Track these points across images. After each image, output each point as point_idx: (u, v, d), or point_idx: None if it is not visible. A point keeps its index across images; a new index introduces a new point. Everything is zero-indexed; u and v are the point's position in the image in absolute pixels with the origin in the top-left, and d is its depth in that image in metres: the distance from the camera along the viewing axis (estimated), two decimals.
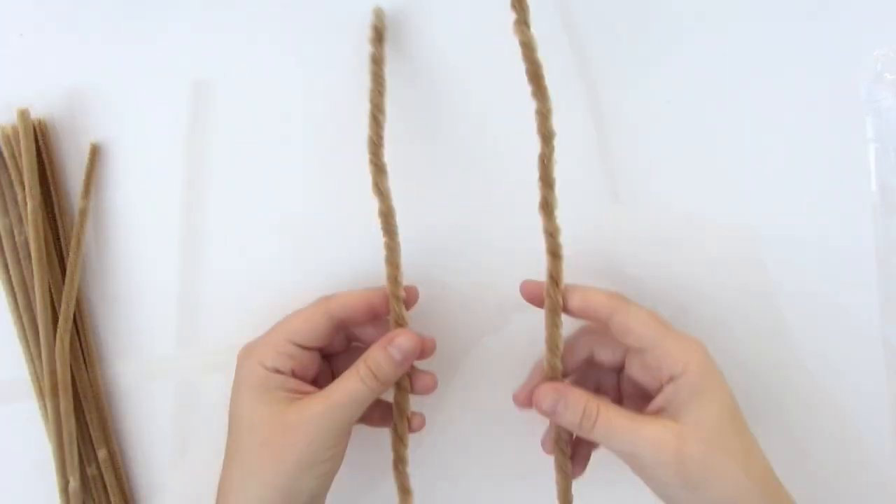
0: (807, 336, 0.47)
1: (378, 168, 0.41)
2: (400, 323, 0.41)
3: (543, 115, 0.40)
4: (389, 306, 0.41)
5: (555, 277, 0.40)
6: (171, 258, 0.47)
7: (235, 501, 0.39)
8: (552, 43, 0.46)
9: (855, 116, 0.46)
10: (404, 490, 0.42)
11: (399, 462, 0.42)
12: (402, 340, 0.40)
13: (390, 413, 0.42)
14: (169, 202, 0.47)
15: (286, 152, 0.47)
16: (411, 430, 0.42)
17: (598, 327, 0.42)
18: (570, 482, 0.42)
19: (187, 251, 0.47)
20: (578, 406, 0.39)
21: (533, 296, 0.41)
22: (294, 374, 0.40)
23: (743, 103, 0.46)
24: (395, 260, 0.41)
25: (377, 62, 0.42)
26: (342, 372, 0.42)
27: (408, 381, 0.42)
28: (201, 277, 0.47)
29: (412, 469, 0.42)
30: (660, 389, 0.39)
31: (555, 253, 0.40)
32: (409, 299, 0.43)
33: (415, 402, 0.43)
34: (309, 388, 0.40)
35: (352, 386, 0.39)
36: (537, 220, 0.41)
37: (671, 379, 0.39)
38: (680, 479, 0.37)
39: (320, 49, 0.46)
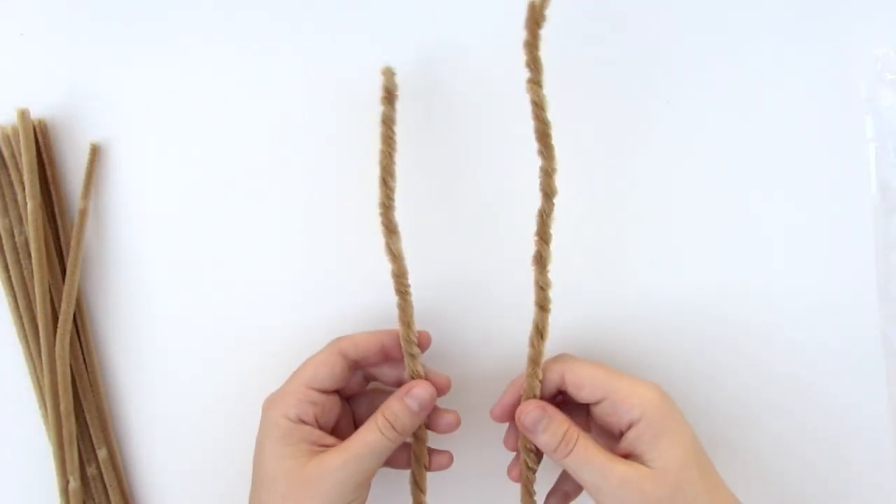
0: (806, 335, 0.47)
1: (390, 230, 0.41)
2: (415, 377, 0.42)
3: (547, 174, 0.40)
4: (405, 363, 0.42)
5: (540, 329, 0.41)
6: (171, 258, 0.47)
7: None
8: (552, 43, 0.47)
9: (855, 116, 0.46)
10: None
11: None
12: (418, 391, 0.41)
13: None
14: (169, 202, 0.47)
15: (291, 156, 0.47)
16: (434, 469, 0.43)
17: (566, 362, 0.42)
18: None
19: (187, 251, 0.47)
20: (560, 430, 0.40)
21: (504, 414, 0.42)
22: (317, 422, 0.41)
23: (743, 103, 0.46)
24: (407, 319, 0.42)
25: (387, 123, 0.41)
26: (362, 413, 0.43)
27: (424, 430, 0.43)
28: (201, 277, 0.47)
29: None
30: (622, 434, 0.40)
31: (543, 306, 0.41)
32: (422, 343, 0.43)
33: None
34: (331, 439, 0.41)
35: (370, 437, 0.40)
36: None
37: (631, 424, 0.39)
38: None
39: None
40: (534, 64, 0.40)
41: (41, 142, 0.46)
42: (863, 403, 0.47)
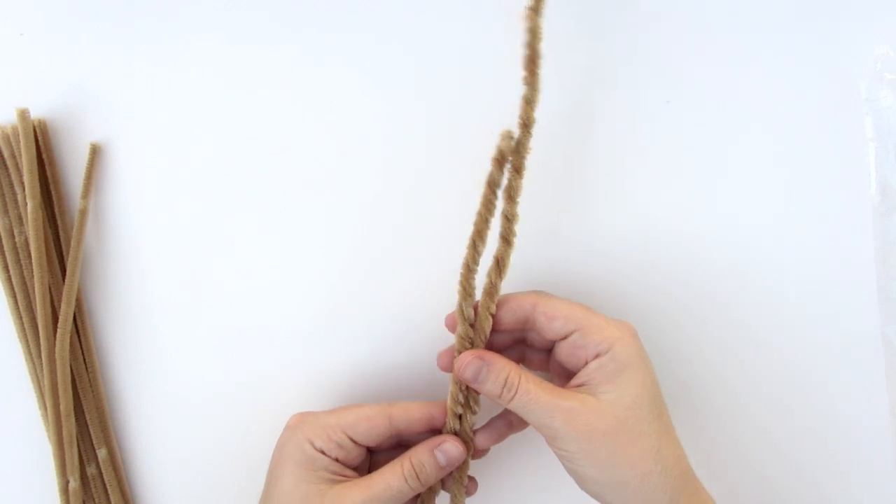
0: (806, 335, 0.47)
1: (466, 293, 0.40)
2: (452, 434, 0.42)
3: (528, 103, 0.40)
4: (447, 419, 0.42)
5: (500, 262, 0.40)
6: (171, 258, 0.47)
7: None
8: (552, 43, 0.47)
9: (855, 116, 0.46)
10: None
11: None
12: (449, 447, 0.41)
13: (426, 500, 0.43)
14: (169, 202, 0.47)
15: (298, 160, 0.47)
16: None
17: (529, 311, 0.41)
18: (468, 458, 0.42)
19: (187, 250, 0.47)
20: (501, 376, 0.39)
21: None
22: (338, 461, 0.41)
23: (742, 103, 0.46)
24: (461, 383, 0.41)
25: (492, 187, 0.39)
26: (381, 462, 0.42)
27: (440, 483, 0.42)
28: (201, 276, 0.47)
29: None
30: (586, 364, 0.39)
31: (507, 239, 0.40)
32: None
33: None
34: (350, 472, 0.41)
35: (394, 482, 0.40)
36: None
37: (597, 356, 0.39)
38: (589, 454, 0.38)
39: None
40: None
41: (41, 142, 0.46)
42: (863, 403, 0.47)
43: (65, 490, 0.45)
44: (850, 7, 0.46)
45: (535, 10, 0.40)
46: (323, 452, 0.40)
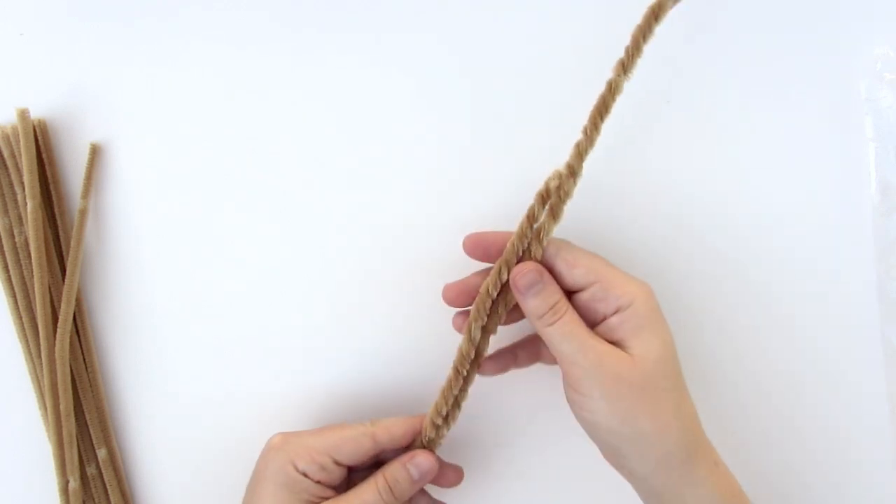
0: (806, 335, 0.47)
1: (480, 313, 0.40)
2: (427, 446, 0.42)
3: (580, 153, 0.40)
4: (423, 428, 0.42)
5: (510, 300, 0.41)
6: (171, 257, 0.47)
7: None
8: (552, 42, 0.47)
9: (855, 116, 0.46)
10: None
11: None
12: (421, 460, 0.41)
13: None
14: (169, 202, 0.47)
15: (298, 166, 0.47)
16: None
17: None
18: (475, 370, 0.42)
19: (187, 250, 0.47)
20: (552, 298, 0.39)
21: (477, 247, 0.42)
22: (321, 483, 0.41)
23: (742, 103, 0.46)
24: (447, 396, 0.41)
25: (530, 221, 0.40)
26: (359, 478, 0.42)
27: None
28: (201, 276, 0.47)
29: None
30: (605, 319, 0.39)
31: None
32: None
33: None
34: (330, 492, 0.41)
35: (369, 498, 0.40)
36: None
37: (617, 310, 0.39)
38: (612, 403, 0.38)
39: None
40: (633, 49, 0.40)
41: (41, 142, 0.46)
42: (863, 403, 0.47)
43: (65, 490, 0.45)
44: (850, 7, 0.46)
45: (625, 66, 0.40)
46: (306, 475, 0.40)
